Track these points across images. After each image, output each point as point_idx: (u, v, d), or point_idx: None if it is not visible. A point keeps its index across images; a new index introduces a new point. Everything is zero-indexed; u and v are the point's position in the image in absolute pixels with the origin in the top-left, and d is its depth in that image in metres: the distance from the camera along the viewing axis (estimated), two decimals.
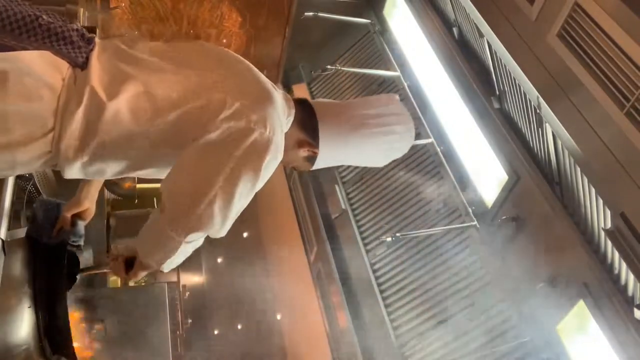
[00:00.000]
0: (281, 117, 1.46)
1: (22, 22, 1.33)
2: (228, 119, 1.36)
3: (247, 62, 1.55)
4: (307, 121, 1.55)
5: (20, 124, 1.30)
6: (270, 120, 1.40)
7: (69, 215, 1.75)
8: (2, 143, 1.30)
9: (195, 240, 1.46)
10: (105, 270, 1.90)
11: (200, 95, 1.38)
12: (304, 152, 1.57)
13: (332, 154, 1.60)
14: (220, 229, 1.43)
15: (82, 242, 1.81)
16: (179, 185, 1.41)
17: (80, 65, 1.37)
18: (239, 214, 1.45)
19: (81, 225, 1.79)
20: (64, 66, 1.36)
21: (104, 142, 1.35)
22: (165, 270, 1.50)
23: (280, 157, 1.44)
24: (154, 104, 1.36)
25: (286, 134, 1.49)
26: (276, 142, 1.41)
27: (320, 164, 1.61)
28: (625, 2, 1.77)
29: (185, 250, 1.47)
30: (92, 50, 1.40)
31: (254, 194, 1.44)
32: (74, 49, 1.37)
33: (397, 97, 1.70)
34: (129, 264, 1.62)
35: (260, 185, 1.43)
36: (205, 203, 1.37)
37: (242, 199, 1.42)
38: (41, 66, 1.33)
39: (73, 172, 1.40)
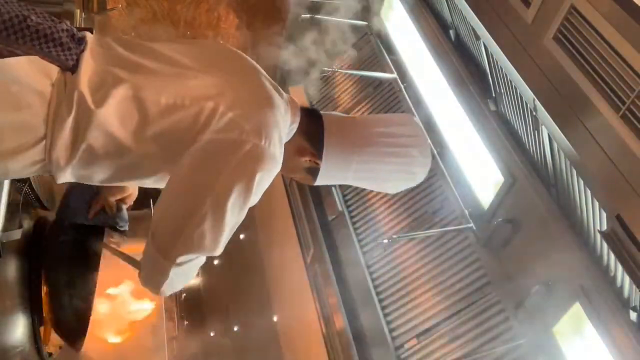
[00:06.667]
0: (281, 125, 1.37)
1: (9, 22, 1.25)
2: (218, 131, 1.29)
3: (251, 62, 1.47)
4: (313, 131, 1.47)
5: (11, 133, 1.25)
6: (267, 129, 1.31)
7: (113, 199, 1.70)
8: None
9: (190, 261, 1.35)
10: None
11: (192, 103, 1.30)
12: (305, 162, 1.49)
13: (337, 169, 1.50)
14: (214, 248, 1.34)
15: (127, 227, 1.78)
16: (165, 208, 1.34)
17: (71, 68, 1.29)
18: (234, 230, 1.36)
19: (125, 210, 1.76)
20: (54, 70, 1.29)
21: (92, 148, 1.28)
22: (166, 294, 1.42)
23: (276, 169, 1.35)
24: (142, 110, 1.28)
25: (287, 141, 1.42)
26: (271, 153, 1.32)
27: (323, 179, 1.52)
28: (621, 5, 1.78)
29: (181, 273, 1.37)
30: (82, 51, 1.32)
31: (247, 209, 1.34)
32: (64, 51, 1.30)
33: (415, 117, 1.60)
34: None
35: (254, 200, 1.34)
36: (193, 224, 1.29)
37: (234, 216, 1.32)
38: (29, 73, 1.26)
39: (65, 177, 1.35)
